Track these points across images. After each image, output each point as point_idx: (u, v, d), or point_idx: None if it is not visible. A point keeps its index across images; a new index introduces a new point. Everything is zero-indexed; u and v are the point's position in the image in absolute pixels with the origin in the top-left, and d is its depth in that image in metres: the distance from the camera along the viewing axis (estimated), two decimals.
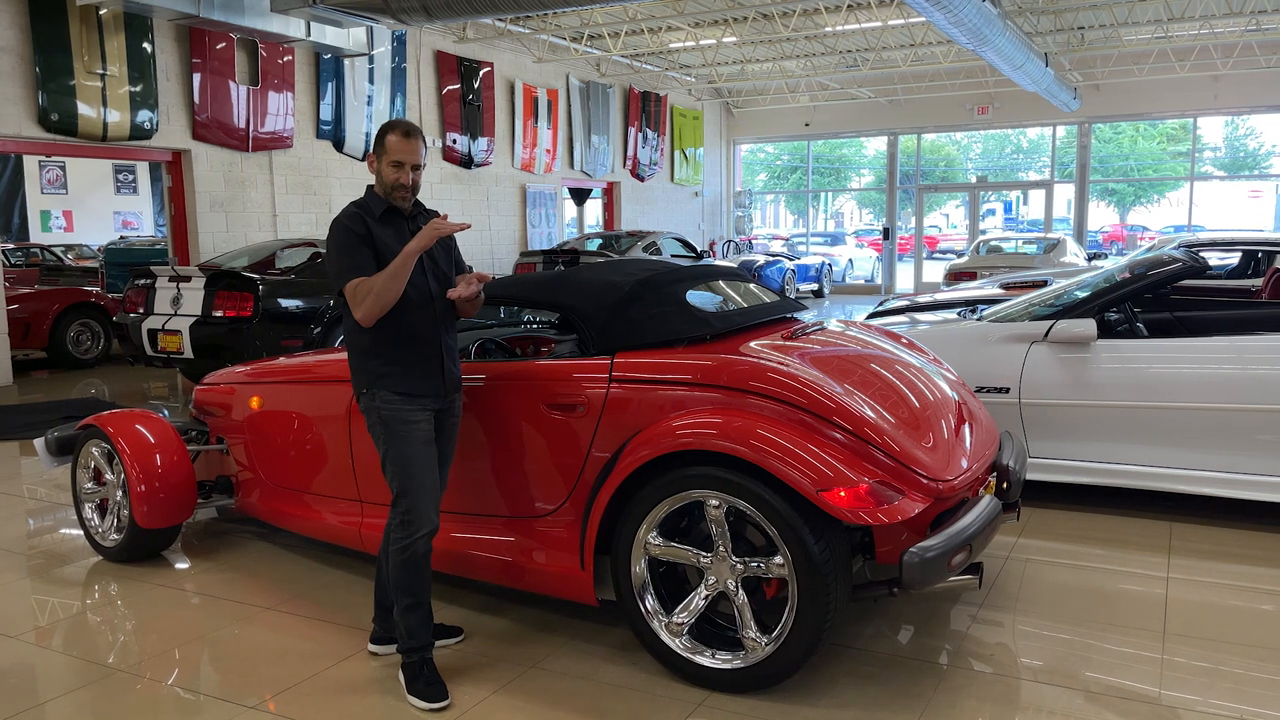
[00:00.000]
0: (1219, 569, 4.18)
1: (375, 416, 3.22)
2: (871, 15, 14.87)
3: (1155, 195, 33.30)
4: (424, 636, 3.19)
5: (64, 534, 5.04)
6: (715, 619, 3.22)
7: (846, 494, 2.87)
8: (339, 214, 3.24)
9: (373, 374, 3.21)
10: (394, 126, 3.24)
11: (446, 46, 14.58)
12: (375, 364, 3.21)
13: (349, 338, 3.29)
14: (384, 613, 3.47)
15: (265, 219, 12.14)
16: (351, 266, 3.13)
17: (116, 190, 23.52)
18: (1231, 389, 4.59)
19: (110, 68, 10.29)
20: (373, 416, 3.23)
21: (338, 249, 3.16)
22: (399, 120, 3.32)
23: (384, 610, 3.46)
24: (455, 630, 3.61)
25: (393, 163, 3.21)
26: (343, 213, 3.23)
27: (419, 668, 3.17)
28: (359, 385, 3.26)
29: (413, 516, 3.15)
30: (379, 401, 3.20)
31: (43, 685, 3.32)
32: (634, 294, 3.54)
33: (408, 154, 3.21)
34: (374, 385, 3.21)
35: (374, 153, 3.26)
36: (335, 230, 3.19)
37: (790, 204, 36.03)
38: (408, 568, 3.16)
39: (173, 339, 8.26)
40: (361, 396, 3.26)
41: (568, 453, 3.42)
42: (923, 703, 3.07)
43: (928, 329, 5.53)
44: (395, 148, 3.21)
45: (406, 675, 3.19)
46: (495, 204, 15.71)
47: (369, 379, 3.22)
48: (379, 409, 3.21)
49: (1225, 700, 3.04)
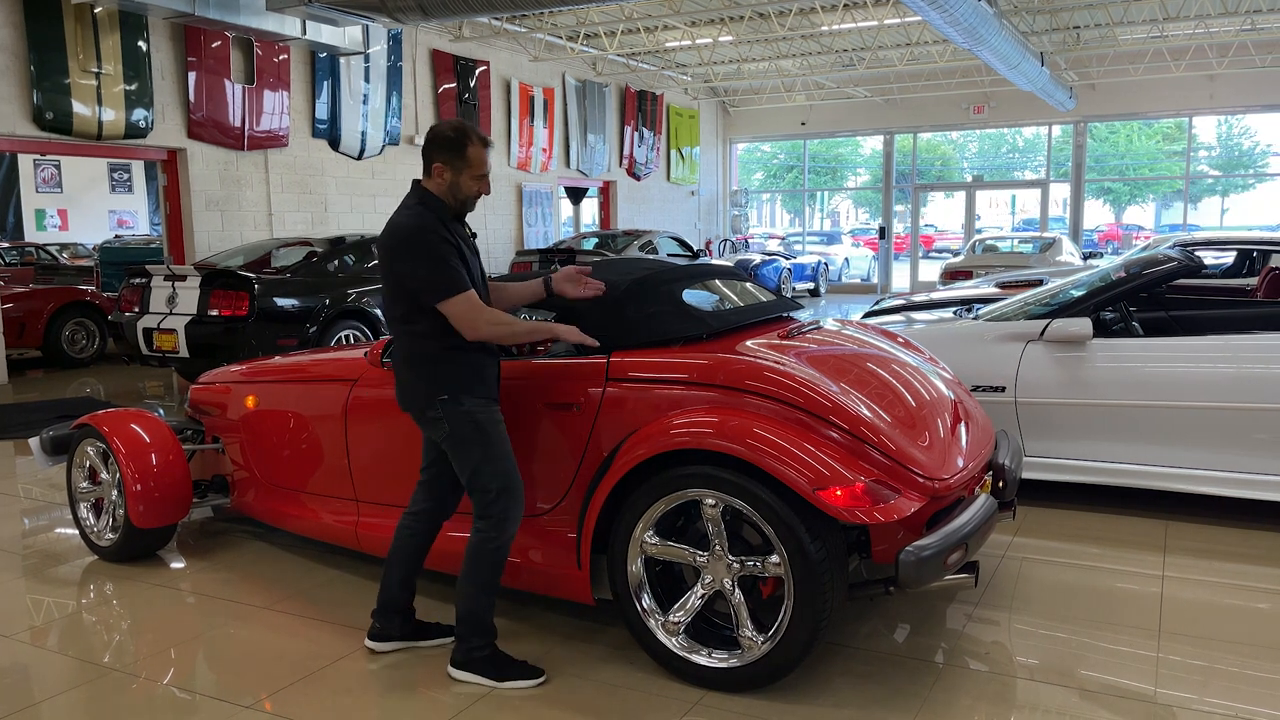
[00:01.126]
0: (1214, 567, 4.19)
1: (466, 421, 3.16)
2: (867, 14, 14.88)
3: (1150, 194, 33.36)
4: (495, 629, 3.29)
5: (59, 533, 5.02)
6: (712, 618, 3.22)
7: (843, 493, 2.87)
8: (415, 218, 3.13)
9: (458, 380, 3.17)
10: (473, 136, 3.18)
11: (442, 45, 14.57)
12: (457, 370, 3.18)
13: (415, 343, 3.20)
14: (387, 611, 3.47)
15: (261, 218, 12.13)
16: (459, 279, 3.09)
17: (111, 189, 23.48)
18: (1227, 388, 4.60)
19: (105, 66, 10.27)
20: (462, 421, 3.16)
21: (438, 259, 3.08)
22: (472, 129, 3.22)
23: (388, 609, 3.46)
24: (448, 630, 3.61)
25: (477, 175, 3.19)
26: (419, 218, 3.13)
27: (502, 657, 3.25)
28: (438, 391, 3.17)
29: (512, 513, 3.19)
30: (470, 406, 3.17)
31: (38, 685, 3.31)
32: (630, 293, 3.54)
33: (488, 165, 3.23)
34: (462, 391, 3.17)
35: (445, 163, 3.17)
36: (427, 238, 3.09)
37: (786, 203, 36.06)
38: (499, 567, 3.22)
39: (168, 338, 8.25)
40: (442, 404, 3.17)
41: (564, 452, 3.42)
42: (919, 701, 3.07)
43: (924, 328, 5.54)
44: (480, 160, 3.18)
45: (495, 666, 3.22)
46: (491, 203, 15.69)
47: (455, 385, 3.17)
48: (472, 414, 3.16)
49: (1220, 699, 3.05)
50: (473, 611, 3.22)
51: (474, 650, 3.23)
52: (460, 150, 3.17)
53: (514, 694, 3.16)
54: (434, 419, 3.20)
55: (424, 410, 3.22)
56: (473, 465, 3.19)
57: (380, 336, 8.09)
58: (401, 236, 3.13)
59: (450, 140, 3.18)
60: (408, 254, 3.11)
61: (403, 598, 3.46)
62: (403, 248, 3.12)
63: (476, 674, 3.22)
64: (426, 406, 3.20)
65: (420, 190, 3.23)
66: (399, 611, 3.47)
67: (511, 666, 3.24)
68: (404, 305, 3.18)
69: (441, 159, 3.18)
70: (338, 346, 5.06)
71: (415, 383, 3.23)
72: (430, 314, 3.14)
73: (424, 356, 3.20)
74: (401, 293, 3.17)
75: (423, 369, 3.20)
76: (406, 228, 3.13)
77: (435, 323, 3.15)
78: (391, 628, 3.47)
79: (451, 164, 3.18)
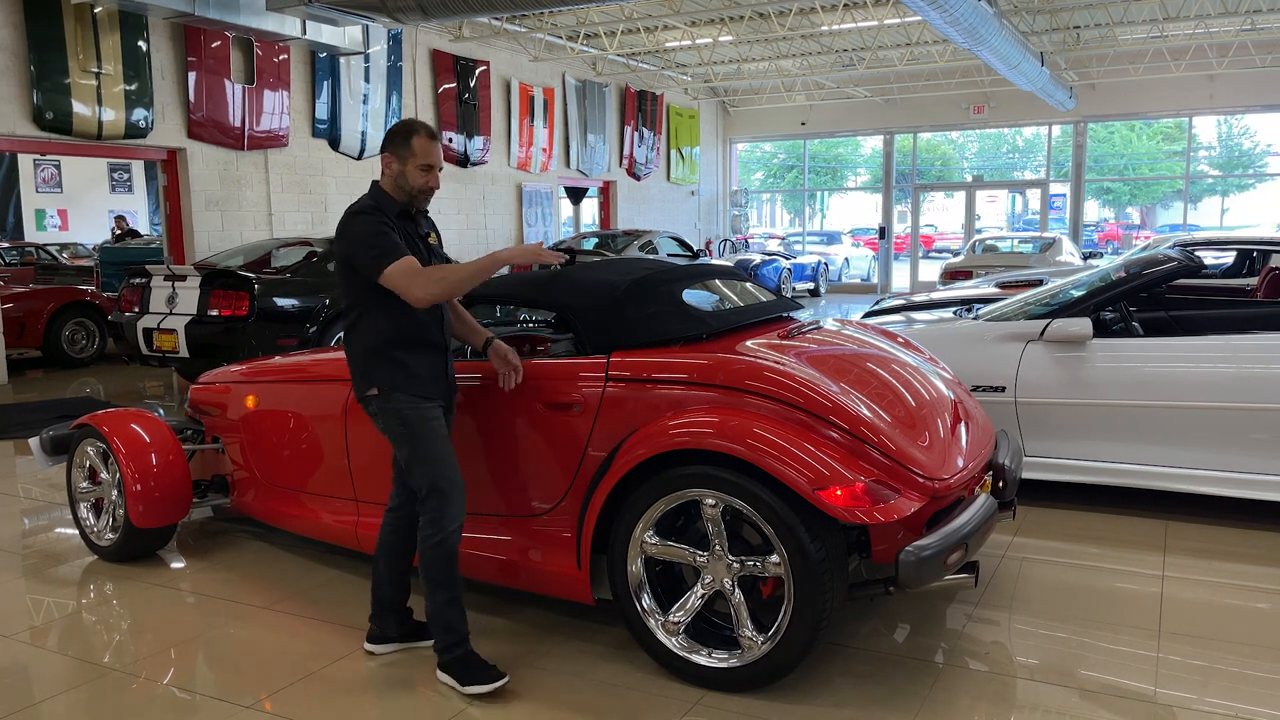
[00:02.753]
0: (1214, 567, 4.19)
1: (394, 418, 3.20)
2: (867, 14, 14.88)
3: (1150, 195, 33.36)
4: (463, 628, 3.23)
5: (59, 533, 5.02)
6: (712, 618, 3.22)
7: (843, 493, 2.87)
8: (353, 209, 3.20)
9: (387, 375, 3.20)
10: (418, 128, 3.22)
11: (442, 45, 14.56)
12: (388, 365, 3.19)
13: (357, 338, 3.24)
14: (382, 611, 3.46)
15: (261, 218, 12.12)
16: (394, 246, 3.10)
17: (111, 189, 23.48)
18: (1227, 388, 4.60)
19: (105, 66, 10.27)
20: (390, 418, 3.20)
21: (371, 234, 3.11)
22: (420, 122, 3.28)
23: (382, 609, 3.46)
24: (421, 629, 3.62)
25: (422, 166, 3.21)
26: (358, 207, 3.20)
27: (468, 658, 3.20)
28: (369, 385, 3.23)
29: (447, 511, 3.17)
30: (396, 403, 3.19)
31: (38, 685, 3.31)
32: (630, 293, 3.53)
33: (436, 157, 3.24)
34: (390, 387, 3.19)
35: (392, 154, 3.21)
36: (360, 220, 3.14)
37: (787, 203, 36.05)
38: (446, 563, 3.18)
39: (168, 338, 8.25)
40: (373, 399, 3.23)
41: (564, 452, 3.42)
42: (919, 701, 3.07)
43: (924, 328, 5.54)
44: (424, 151, 3.21)
45: (457, 668, 3.18)
46: (491, 203, 15.69)
47: (384, 380, 3.20)
48: (398, 410, 3.19)
49: (1220, 699, 3.05)
50: (438, 611, 3.21)
51: (444, 651, 3.22)
52: (405, 140, 3.22)
53: (514, 693, 3.16)
54: (371, 414, 3.29)
55: (363, 405, 3.30)
56: (406, 462, 3.23)
57: None
58: (344, 223, 3.21)
59: (396, 132, 3.25)
60: (352, 235, 3.16)
61: (397, 597, 3.46)
62: (346, 231, 3.18)
63: (449, 676, 3.21)
64: (361, 401, 3.29)
65: (374, 186, 3.29)
66: (394, 611, 3.47)
67: (478, 669, 3.19)
68: (348, 298, 3.24)
69: (389, 149, 3.24)
70: (338, 346, 5.05)
71: (354, 377, 3.31)
72: (370, 308, 3.19)
73: (362, 351, 3.25)
74: (349, 282, 3.22)
75: (359, 363, 3.27)
76: (348, 215, 3.21)
77: (374, 318, 3.20)
78: (388, 628, 3.47)
79: (397, 154, 3.22)
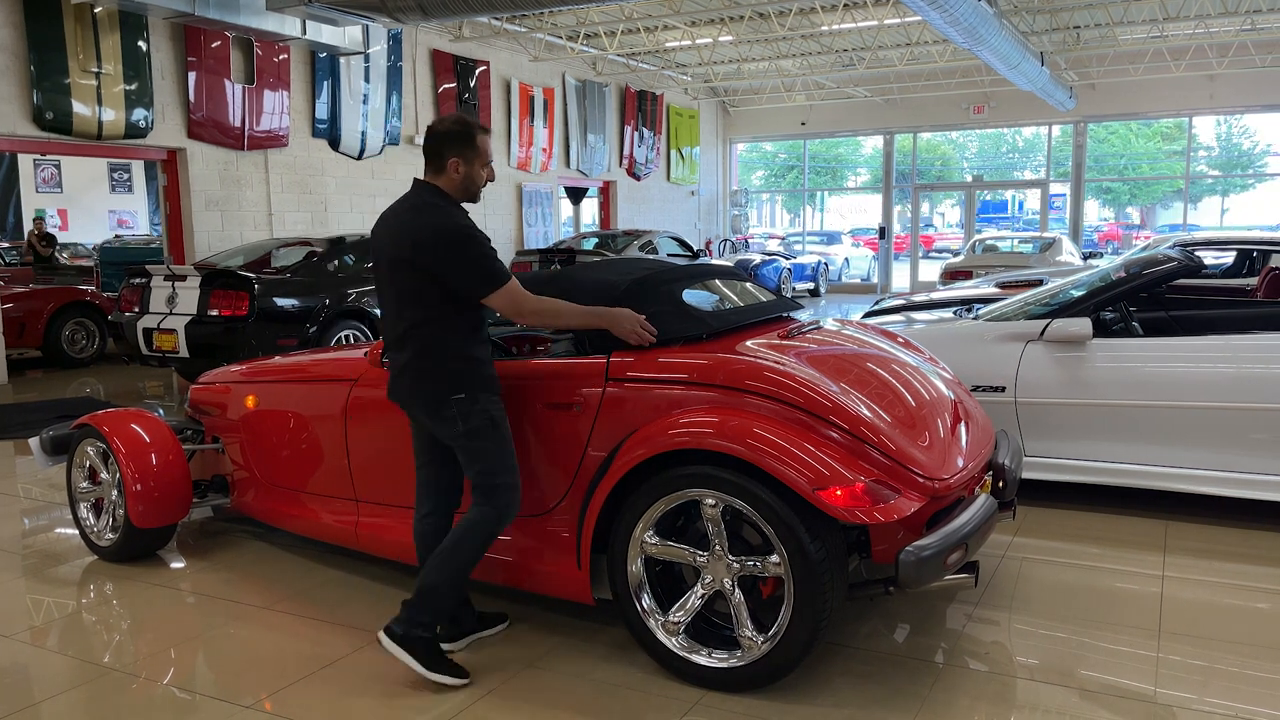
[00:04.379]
0: (1214, 567, 4.19)
1: (484, 418, 3.21)
2: (867, 14, 14.88)
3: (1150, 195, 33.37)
4: (445, 618, 3.33)
5: (59, 533, 5.02)
6: (712, 618, 3.22)
7: (843, 493, 2.87)
8: (452, 218, 3.16)
9: (481, 378, 3.23)
10: (476, 127, 3.26)
11: (442, 45, 14.56)
12: (471, 367, 3.22)
13: (431, 343, 3.20)
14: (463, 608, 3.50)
15: (261, 218, 12.13)
16: (501, 270, 3.17)
17: (111, 189, 23.49)
18: (1227, 388, 4.60)
19: (105, 66, 10.27)
20: (479, 418, 3.20)
21: (485, 254, 3.14)
22: (473, 119, 3.30)
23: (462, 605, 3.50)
24: (502, 616, 3.66)
25: (487, 163, 3.28)
26: (455, 218, 3.17)
27: (437, 647, 3.24)
28: (455, 389, 3.19)
29: (514, 508, 3.26)
30: (487, 404, 3.22)
31: (38, 685, 3.31)
32: (630, 293, 3.53)
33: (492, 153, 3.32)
34: (483, 389, 3.22)
35: (459, 157, 3.22)
36: (473, 234, 3.14)
37: (787, 203, 36.05)
38: (481, 553, 3.24)
39: (168, 338, 8.25)
40: (458, 402, 3.19)
41: (564, 452, 3.42)
42: (919, 701, 3.07)
43: (924, 328, 5.54)
44: (486, 148, 3.28)
45: (423, 650, 3.18)
46: (491, 203, 15.69)
47: (471, 383, 3.21)
48: (487, 410, 3.22)
49: (1221, 699, 3.05)
50: (437, 587, 3.19)
51: (416, 628, 3.20)
52: (471, 141, 3.24)
53: (514, 693, 3.16)
54: (448, 417, 3.21)
55: (438, 409, 3.22)
56: (486, 460, 3.22)
57: (380, 336, 8.09)
58: (447, 237, 3.13)
59: (460, 133, 3.23)
60: (456, 252, 3.12)
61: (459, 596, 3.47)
62: (447, 247, 3.12)
63: (410, 654, 3.18)
64: (441, 405, 3.21)
65: (433, 189, 3.25)
66: (464, 603, 3.52)
67: (444, 661, 3.22)
68: (422, 306, 3.18)
69: (456, 153, 3.22)
70: (338, 346, 5.06)
71: (427, 383, 3.23)
72: (447, 313, 3.17)
73: (441, 355, 3.21)
74: (426, 292, 3.16)
75: (438, 369, 3.21)
76: (449, 228, 3.14)
77: (450, 322, 3.19)
78: (465, 623, 3.52)
79: (464, 156, 3.23)
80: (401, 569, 4.24)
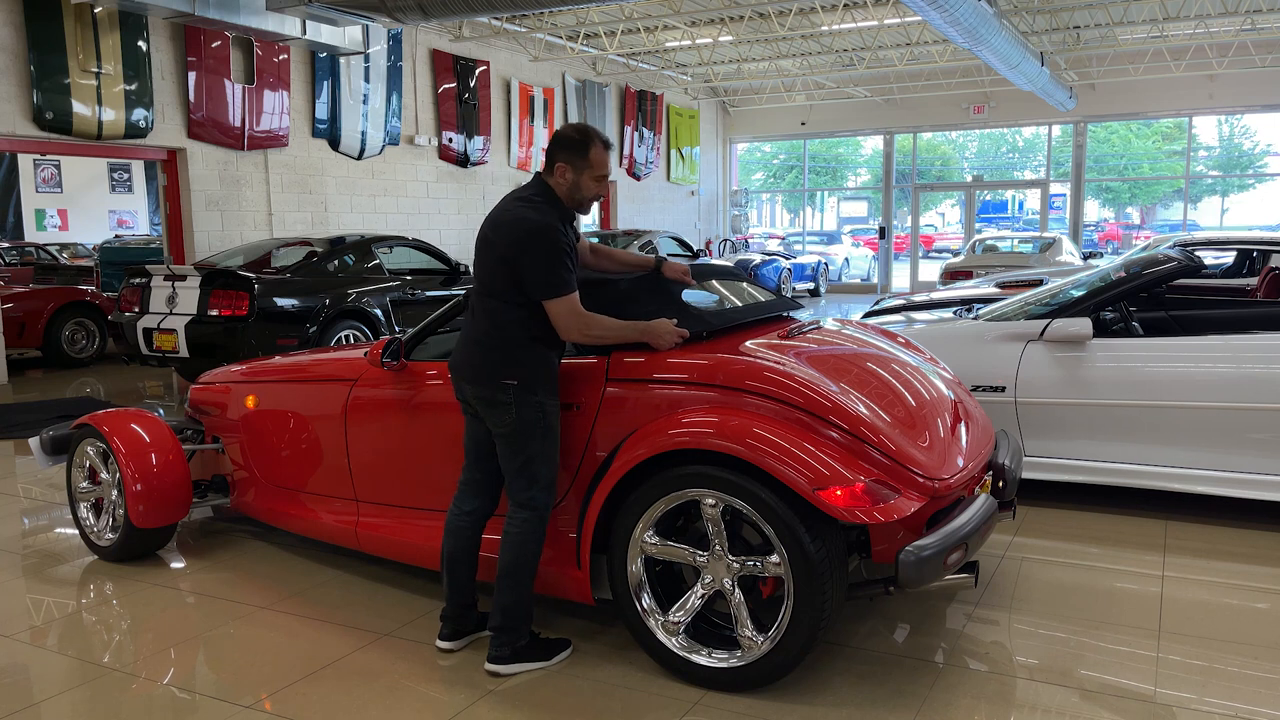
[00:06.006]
0: (1214, 567, 4.19)
1: (536, 410, 3.21)
2: (868, 14, 14.88)
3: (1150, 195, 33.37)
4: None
5: (59, 533, 5.02)
6: (711, 618, 3.22)
7: (843, 493, 2.87)
8: (542, 215, 3.17)
9: (542, 373, 3.24)
10: (594, 138, 3.25)
11: (442, 45, 14.56)
12: (535, 359, 3.22)
13: (500, 325, 3.21)
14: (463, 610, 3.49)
15: (261, 218, 12.12)
16: (570, 281, 3.17)
17: (111, 189, 23.50)
18: (1227, 388, 4.60)
19: (105, 66, 10.27)
20: (531, 410, 3.20)
21: (556, 258, 3.14)
22: (596, 130, 3.29)
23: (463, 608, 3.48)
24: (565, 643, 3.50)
25: (598, 177, 3.26)
26: (546, 215, 3.18)
27: (540, 639, 3.38)
28: (510, 374, 3.19)
29: (550, 509, 3.31)
30: (541, 396, 3.23)
31: (38, 685, 3.31)
32: (630, 293, 3.53)
33: (610, 166, 3.30)
34: (542, 384, 3.23)
35: (568, 163, 3.22)
36: (552, 237, 3.14)
37: (787, 203, 36.05)
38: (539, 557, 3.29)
39: (168, 338, 8.25)
40: (511, 388, 3.19)
41: (564, 451, 3.42)
42: (918, 701, 3.07)
43: (924, 328, 5.54)
44: (601, 162, 3.26)
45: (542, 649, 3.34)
46: (491, 203, 15.65)
47: (530, 373, 3.21)
48: (542, 404, 3.23)
49: (1220, 698, 3.05)
50: (520, 601, 3.26)
51: (518, 639, 3.29)
52: (584, 151, 3.23)
53: (514, 693, 3.16)
54: (502, 403, 3.20)
55: (493, 393, 3.21)
56: (529, 456, 3.23)
57: (380, 336, 8.09)
58: (528, 229, 3.16)
59: (574, 141, 3.24)
60: (531, 248, 3.14)
61: (473, 591, 3.51)
62: (528, 240, 3.15)
63: (529, 662, 3.30)
64: (498, 390, 3.20)
65: (543, 185, 3.28)
66: (471, 606, 3.52)
67: (550, 644, 3.37)
68: (496, 284, 3.21)
69: (564, 159, 3.24)
70: (338, 346, 5.06)
71: (489, 364, 3.23)
72: (523, 301, 3.19)
73: (506, 339, 3.22)
74: (502, 276, 3.20)
75: (502, 352, 3.22)
76: (534, 222, 3.16)
77: (524, 309, 3.20)
78: (468, 622, 3.51)
79: (573, 164, 3.23)
80: (402, 569, 4.24)
